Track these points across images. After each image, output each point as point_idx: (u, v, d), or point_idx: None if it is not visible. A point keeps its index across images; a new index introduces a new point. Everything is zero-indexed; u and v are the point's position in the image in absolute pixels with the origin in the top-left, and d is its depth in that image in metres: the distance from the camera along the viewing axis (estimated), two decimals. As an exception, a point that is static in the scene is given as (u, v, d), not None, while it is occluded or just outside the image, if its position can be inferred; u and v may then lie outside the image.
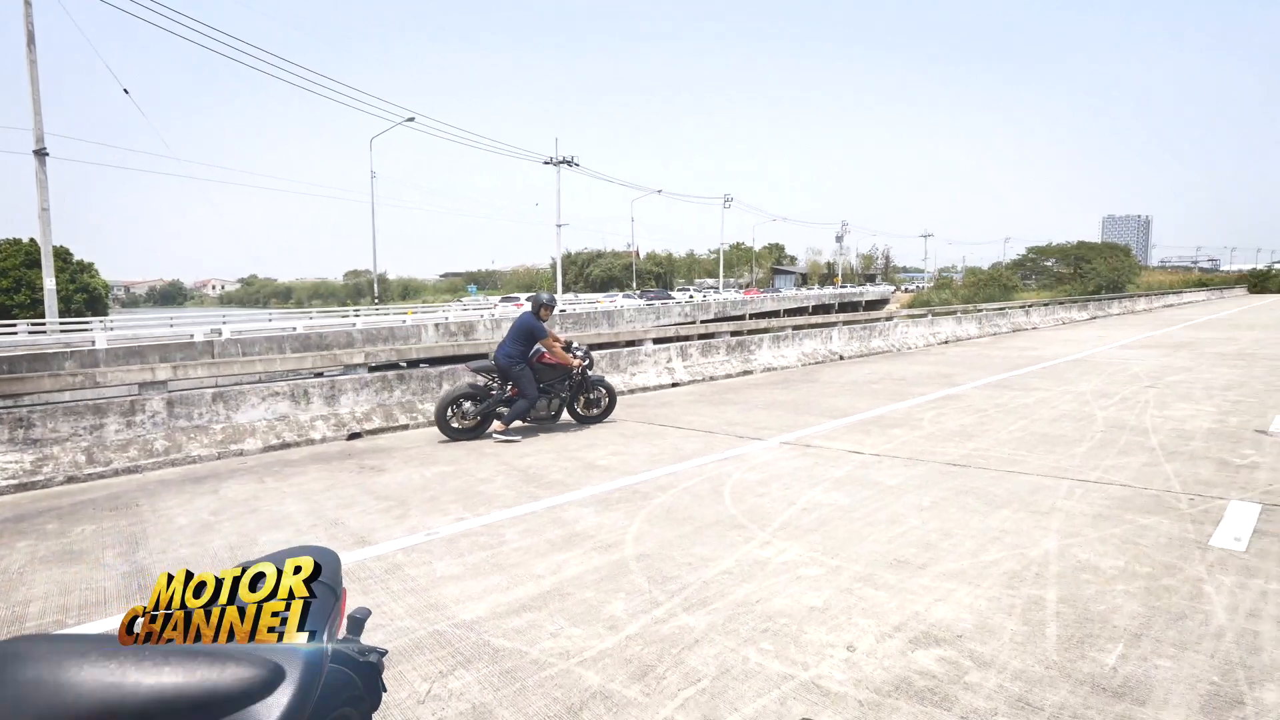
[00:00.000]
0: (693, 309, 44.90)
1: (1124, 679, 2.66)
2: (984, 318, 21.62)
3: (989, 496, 4.98)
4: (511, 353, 7.51)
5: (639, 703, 2.59)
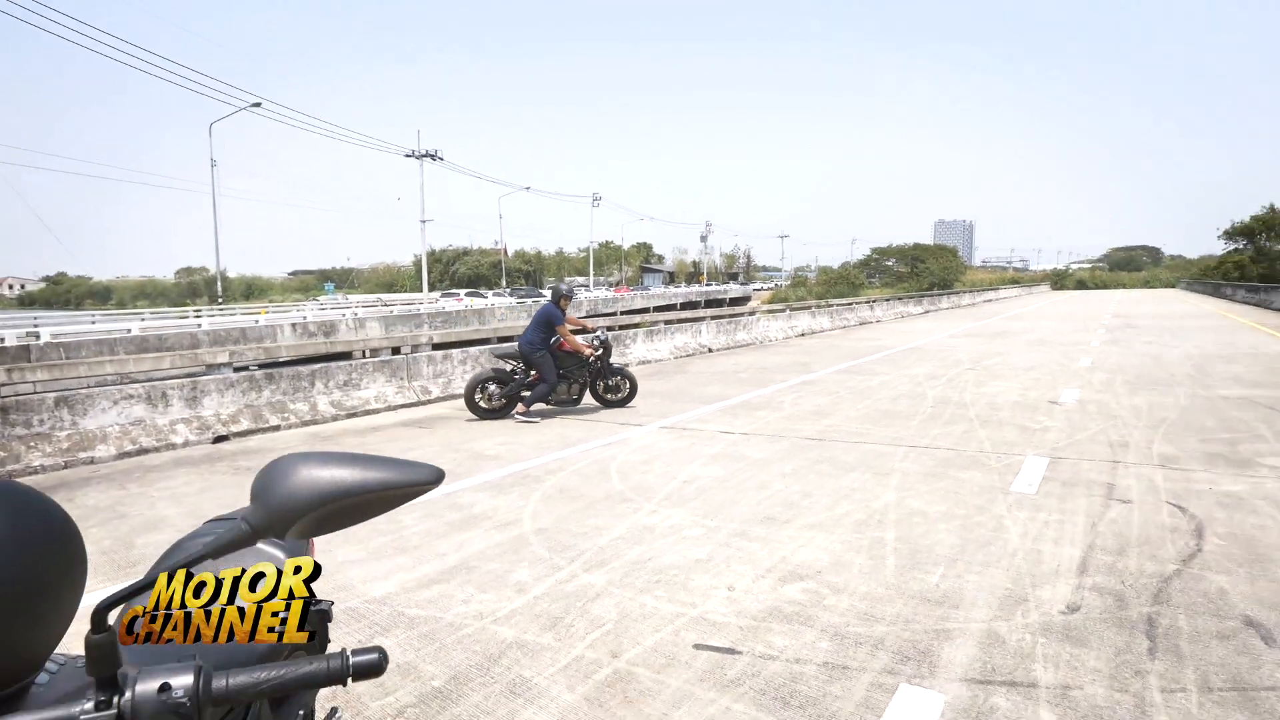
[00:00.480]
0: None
1: (944, 591, 3.30)
2: (835, 312, 23.53)
3: (841, 463, 5.70)
4: (533, 340, 8.01)
5: (552, 647, 2.90)
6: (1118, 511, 4.36)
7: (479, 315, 32.84)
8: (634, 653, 2.83)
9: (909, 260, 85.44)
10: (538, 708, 2.49)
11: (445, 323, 29.22)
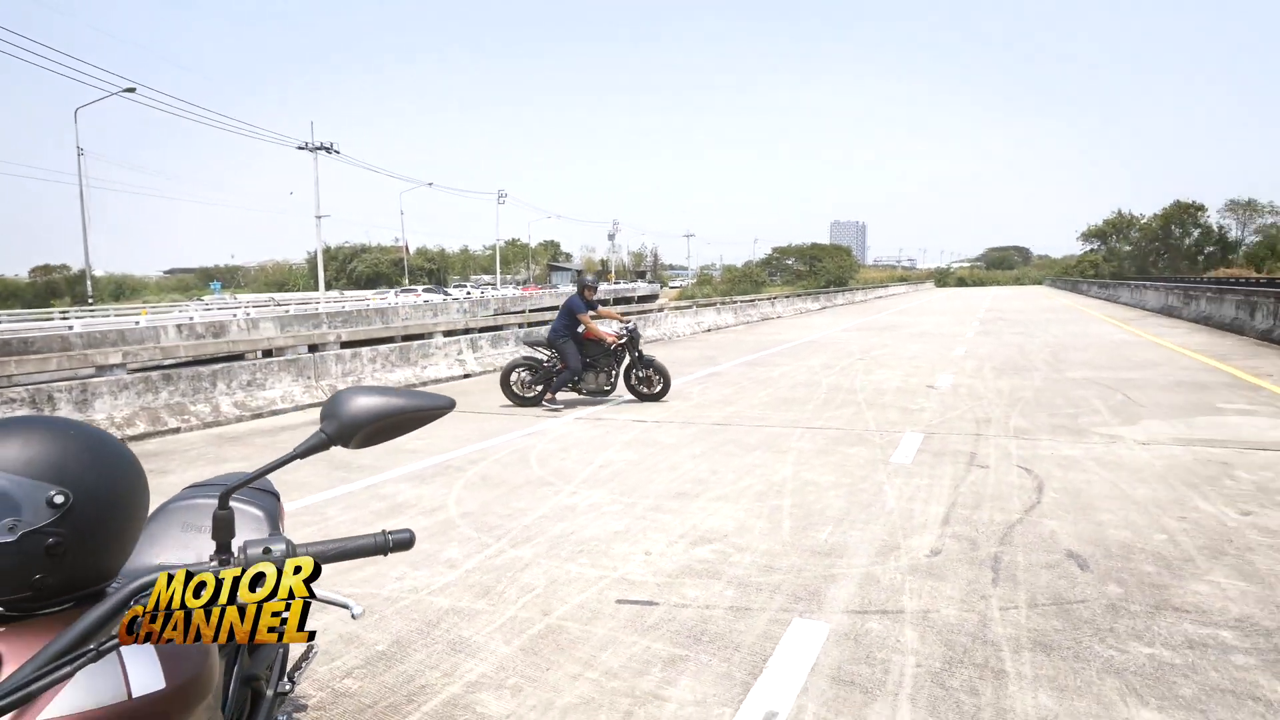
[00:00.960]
0: (472, 305, 44.39)
1: (831, 545, 3.79)
2: (739, 309, 24.50)
3: (744, 444, 6.19)
4: (557, 328, 8.43)
5: (487, 611, 3.17)
6: (977, 475, 5.04)
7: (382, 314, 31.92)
8: (563, 610, 3.14)
9: (807, 259, 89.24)
10: (478, 660, 2.76)
11: (346, 321, 28.25)
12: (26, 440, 0.98)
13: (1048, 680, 2.50)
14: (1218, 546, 3.64)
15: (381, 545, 1.08)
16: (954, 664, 2.61)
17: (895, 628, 2.89)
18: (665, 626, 2.97)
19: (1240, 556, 3.51)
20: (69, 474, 0.97)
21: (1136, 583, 3.25)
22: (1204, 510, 4.19)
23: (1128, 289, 34.58)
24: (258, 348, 8.95)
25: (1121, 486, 4.69)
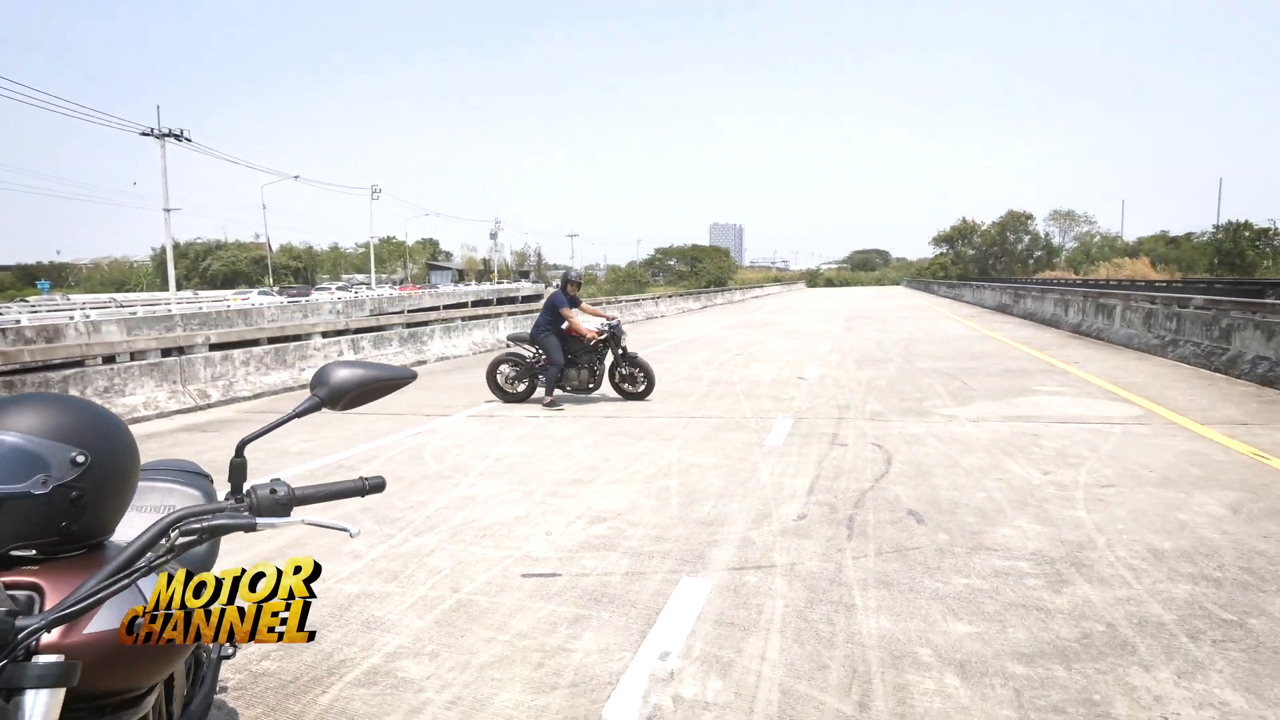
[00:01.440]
0: (346, 306, 42.41)
1: (713, 516, 4.24)
2: (624, 308, 25.05)
3: (633, 434, 6.59)
4: (540, 323, 8.41)
5: (397, 593, 3.34)
6: (838, 452, 5.69)
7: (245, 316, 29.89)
8: (471, 587, 3.38)
9: (689, 260, 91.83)
10: (394, 634, 2.95)
11: (204, 324, 26.25)
12: (49, 410, 1.16)
13: (887, 609, 3.03)
14: (1023, 500, 4.41)
15: (360, 488, 1.33)
16: (815, 603, 3.10)
17: (767, 579, 3.35)
18: (568, 593, 3.28)
19: (1039, 507, 4.28)
20: (86, 438, 1.16)
21: (960, 531, 3.91)
22: (1015, 472, 5.01)
23: (970, 289, 38.33)
24: (115, 351, 8.37)
25: (954, 456, 5.48)
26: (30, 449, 1.11)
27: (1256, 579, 3.23)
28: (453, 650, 2.80)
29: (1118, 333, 14.10)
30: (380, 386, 1.39)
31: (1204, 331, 10.79)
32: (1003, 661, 2.61)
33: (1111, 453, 5.49)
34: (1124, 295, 15.03)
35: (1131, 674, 2.50)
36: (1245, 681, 2.44)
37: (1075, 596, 3.10)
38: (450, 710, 2.41)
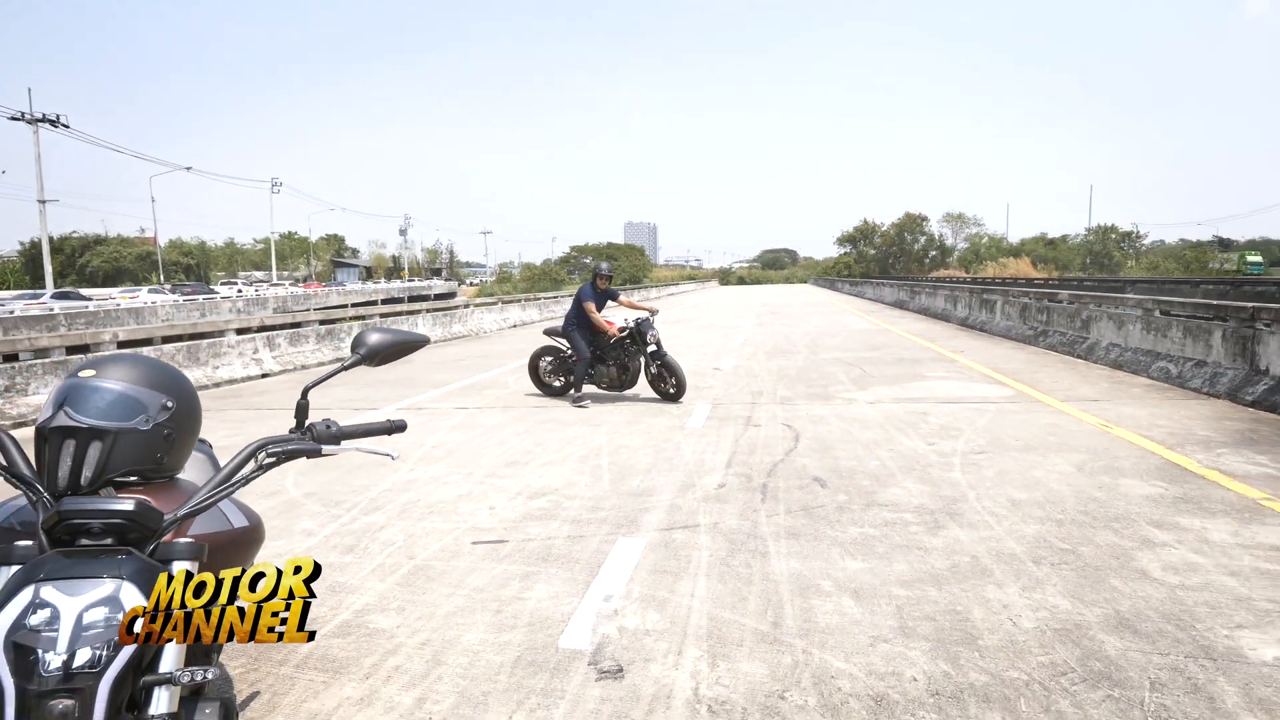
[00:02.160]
0: (247, 305, 40.49)
1: (643, 489, 4.67)
2: (543, 305, 25.22)
3: (563, 422, 6.94)
4: (569, 317, 8.18)
5: (355, 562, 3.59)
6: (752, 432, 6.25)
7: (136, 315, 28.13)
8: (426, 554, 3.67)
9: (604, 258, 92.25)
10: (359, 595, 3.21)
11: (91, 322, 24.55)
12: (142, 366, 1.44)
13: (795, 554, 3.54)
14: (910, 466, 5.07)
15: (388, 428, 1.66)
16: (735, 552, 3.58)
17: (693, 536, 3.81)
18: (517, 555, 3.62)
19: (923, 471, 4.94)
20: (171, 389, 1.46)
21: (857, 492, 4.50)
22: (904, 444, 5.70)
23: (871, 286, 40.56)
24: (17, 349, 7.98)
25: (853, 433, 6.14)
26: (133, 395, 1.39)
27: (1089, 519, 3.95)
28: (416, 605, 3.10)
29: (998, 325, 15.52)
30: (404, 348, 1.72)
31: (1069, 323, 12.12)
32: (888, 587, 3.15)
33: (986, 426, 6.29)
34: (1003, 291, 16.52)
35: (987, 590, 3.10)
36: (1073, 591, 3.07)
37: (948, 538, 3.71)
38: (423, 650, 2.72)
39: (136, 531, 1.21)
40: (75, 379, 1.40)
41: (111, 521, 1.18)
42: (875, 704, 2.31)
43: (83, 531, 1.18)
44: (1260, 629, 2.72)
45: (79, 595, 1.10)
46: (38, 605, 1.08)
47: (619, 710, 2.32)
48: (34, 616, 1.07)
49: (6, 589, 1.11)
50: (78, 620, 1.08)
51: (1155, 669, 2.47)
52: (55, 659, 1.05)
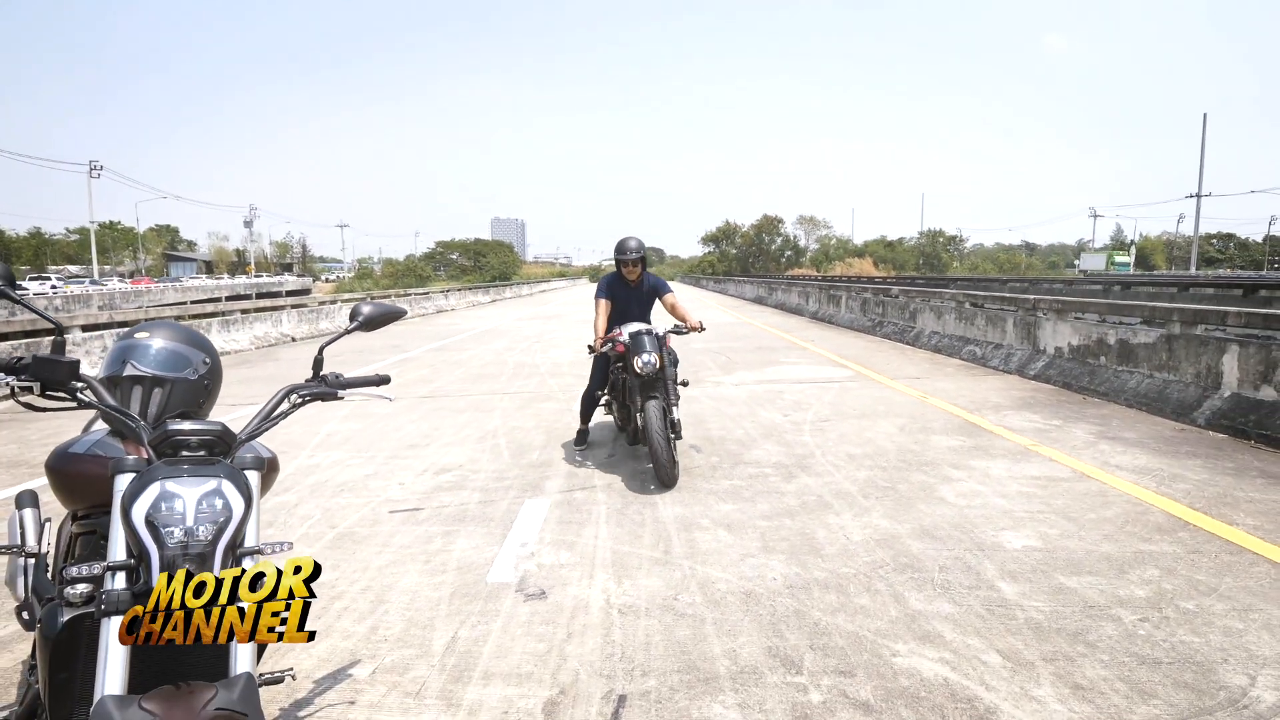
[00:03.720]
0: (66, 303, 36.28)
1: (541, 461, 5.17)
2: (413, 301, 24.71)
3: (455, 409, 7.27)
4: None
5: (280, 534, 3.84)
6: (634, 412, 6.90)
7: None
8: (346, 524, 3.98)
9: (472, 254, 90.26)
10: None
11: None
12: (182, 330, 1.81)
13: (679, 503, 4.20)
14: (768, 433, 5.91)
15: (377, 380, 2.08)
16: (628, 505, 4.18)
17: (591, 495, 4.38)
18: (434, 519, 4.03)
19: (780, 436, 5.79)
20: (206, 348, 1.83)
21: (726, 455, 5.26)
22: (764, 416, 6.57)
23: (734, 284, 42.87)
24: None
25: (721, 409, 6.95)
26: (182, 351, 1.76)
27: (906, 465, 4.92)
28: (350, 562, 3.44)
29: (843, 317, 17.28)
30: (389, 317, 2.14)
31: (900, 315, 13.84)
32: (753, 521, 3.88)
33: (831, 401, 7.33)
34: (847, 288, 18.37)
35: (828, 518, 3.90)
36: (890, 515, 3.94)
37: (799, 484, 4.52)
38: (366, 594, 3.10)
39: (220, 447, 1.59)
40: (132, 340, 1.75)
41: (205, 438, 1.56)
42: (746, 597, 3.00)
43: (181, 447, 1.55)
44: (1015, 530, 3.69)
45: (193, 489, 1.47)
46: (165, 496, 1.45)
47: (548, 618, 2.85)
48: (164, 503, 1.44)
49: (133, 487, 1.46)
50: (196, 505, 1.46)
51: (943, 559, 3.34)
52: (181, 533, 1.43)
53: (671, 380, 4.78)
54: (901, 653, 2.54)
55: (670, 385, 4.74)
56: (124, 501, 1.44)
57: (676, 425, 4.62)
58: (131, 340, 1.76)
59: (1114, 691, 2.29)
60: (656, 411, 4.46)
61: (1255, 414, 5.50)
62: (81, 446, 1.73)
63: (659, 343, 4.73)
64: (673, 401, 4.69)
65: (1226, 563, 3.24)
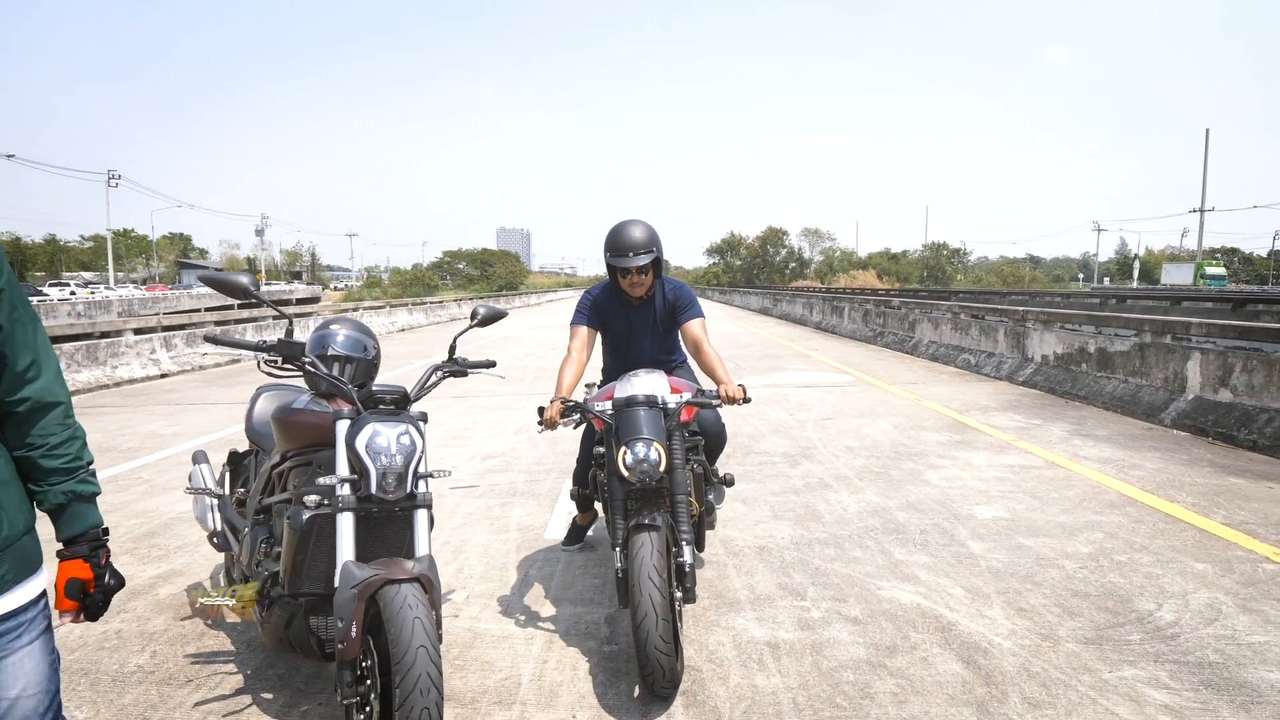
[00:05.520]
0: (88, 308, 37.25)
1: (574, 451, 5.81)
2: (429, 309, 25.45)
3: (487, 407, 7.94)
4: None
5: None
6: (653, 410, 7.57)
7: None
8: (415, 497, 4.64)
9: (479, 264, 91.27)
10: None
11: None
12: (358, 323, 2.49)
13: (699, 483, 4.85)
14: (776, 429, 6.57)
15: (488, 363, 2.75)
16: (656, 484, 4.84)
17: (623, 476, 5.03)
18: (490, 494, 4.69)
19: (786, 432, 6.45)
20: (373, 336, 2.52)
21: (738, 446, 5.91)
22: (771, 415, 7.22)
23: (739, 295, 43.55)
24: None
25: (732, 409, 7.60)
26: (359, 338, 2.44)
27: (898, 455, 5.56)
28: (426, 524, 4.10)
29: (846, 328, 17.93)
30: (498, 316, 2.80)
31: (900, 325, 14.49)
32: (764, 496, 4.54)
33: (832, 402, 7.98)
34: (850, 299, 19.03)
35: (829, 495, 4.55)
36: (882, 493, 4.58)
37: (804, 469, 5.17)
38: (446, 546, 3.76)
39: (401, 403, 2.25)
40: (328, 330, 2.43)
41: (394, 397, 2.22)
42: (760, 550, 3.65)
43: (378, 403, 2.21)
44: (987, 505, 4.34)
45: (392, 429, 2.13)
46: (375, 434, 2.11)
47: (599, 564, 3.51)
48: (375, 438, 2.10)
49: (354, 427, 2.12)
50: (396, 440, 2.11)
51: (924, 525, 3.98)
52: (386, 458, 2.09)
53: (686, 492, 2.64)
54: (885, 588, 3.19)
55: (685, 503, 2.61)
56: (348, 437, 2.11)
57: (690, 576, 2.54)
58: (327, 330, 2.44)
59: (1049, 612, 2.93)
60: (648, 557, 2.38)
61: (1213, 414, 6.14)
62: (300, 404, 2.40)
63: (670, 421, 2.67)
64: (684, 532, 2.56)
65: (1161, 529, 3.88)
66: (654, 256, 3.05)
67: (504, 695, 2.42)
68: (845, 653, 2.65)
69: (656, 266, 3.13)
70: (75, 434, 1.32)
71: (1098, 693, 2.36)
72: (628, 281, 3.12)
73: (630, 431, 2.58)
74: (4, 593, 1.20)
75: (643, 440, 2.54)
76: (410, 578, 1.96)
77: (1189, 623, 2.82)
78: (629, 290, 3.17)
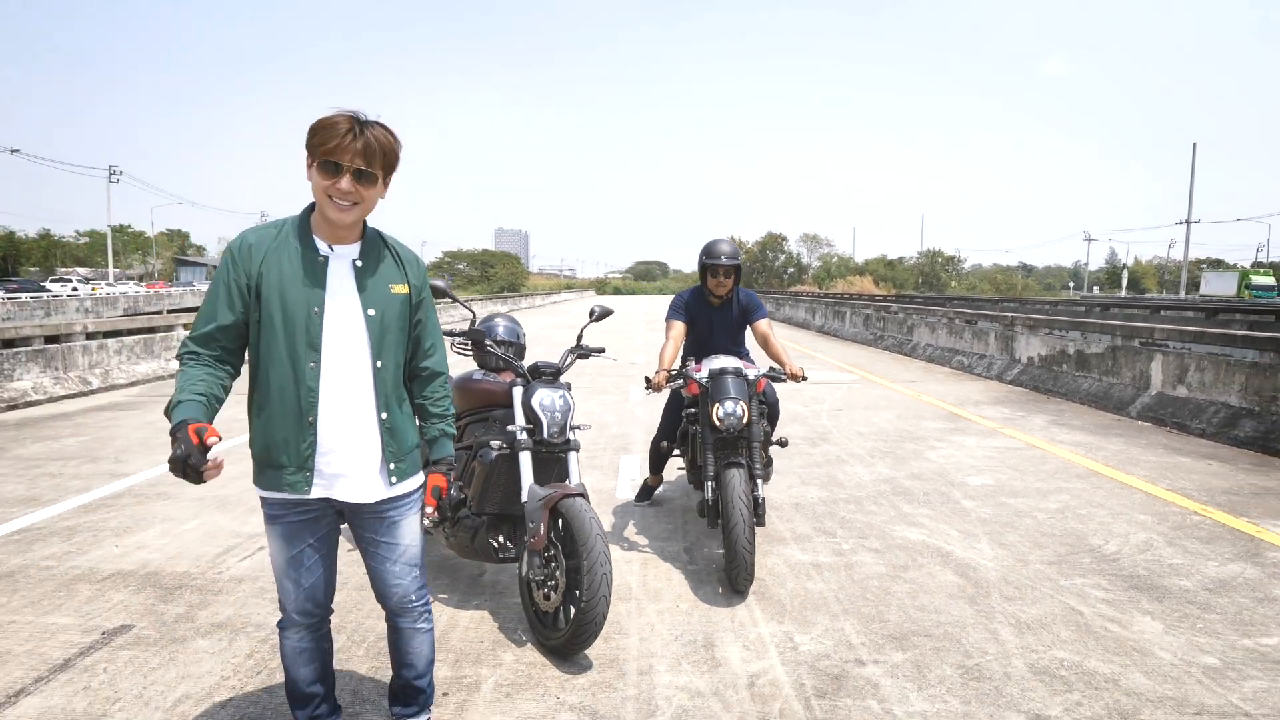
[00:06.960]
0: (96, 304, 37.91)
1: (621, 433, 6.70)
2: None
3: (530, 398, 8.81)
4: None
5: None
6: (681, 402, 8.46)
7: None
8: (497, 467, 5.51)
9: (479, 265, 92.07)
10: (473, 484, 5.05)
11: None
12: (510, 318, 3.39)
13: (735, 458, 5.75)
14: (793, 418, 7.47)
15: (600, 349, 3.63)
16: (698, 459, 5.73)
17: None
18: (560, 465, 5.56)
19: (803, 420, 7.34)
20: (520, 325, 3.41)
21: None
22: (787, 407, 8.11)
23: (739, 298, 44.44)
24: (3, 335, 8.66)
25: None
26: (515, 327, 3.34)
27: (901, 438, 6.47)
28: (516, 486, 4.98)
29: (847, 331, 18.86)
30: (606, 314, 3.68)
31: (899, 329, 15.42)
32: (792, 468, 5.43)
33: (841, 397, 8.88)
34: (851, 304, 19.96)
35: (846, 468, 5.45)
36: (890, 466, 5.48)
37: (823, 449, 6.07)
38: (540, 501, 4.63)
39: (556, 375, 3.13)
40: (492, 322, 3.32)
41: (552, 371, 3.10)
42: (795, 506, 4.54)
43: (540, 375, 3.08)
44: (977, 475, 5.24)
45: (554, 394, 3.00)
46: (543, 396, 2.98)
47: (667, 516, 4.39)
48: (544, 400, 2.97)
49: (529, 392, 2.99)
50: (557, 400, 2.99)
51: (926, 489, 4.89)
52: (551, 414, 2.96)
53: (760, 441, 3.55)
54: (897, 530, 4.09)
55: (758, 449, 3.48)
56: (524, 398, 2.99)
57: (761, 506, 3.35)
58: (491, 323, 3.33)
59: (1022, 545, 3.83)
60: (739, 485, 3.23)
61: (1172, 407, 7.07)
62: (477, 375, 3.28)
63: (749, 389, 3.52)
64: (758, 470, 3.42)
65: (1115, 492, 4.80)
66: (736, 264, 3.94)
67: (621, 594, 3.29)
68: (870, 569, 3.54)
69: (737, 273, 3.99)
70: (449, 394, 2.14)
71: (1055, 591, 3.26)
72: (715, 281, 3.98)
73: (721, 393, 3.46)
74: (407, 478, 2.04)
75: (731, 399, 3.43)
76: (580, 494, 2.83)
77: (1127, 552, 3.73)
78: (714, 290, 4.01)
